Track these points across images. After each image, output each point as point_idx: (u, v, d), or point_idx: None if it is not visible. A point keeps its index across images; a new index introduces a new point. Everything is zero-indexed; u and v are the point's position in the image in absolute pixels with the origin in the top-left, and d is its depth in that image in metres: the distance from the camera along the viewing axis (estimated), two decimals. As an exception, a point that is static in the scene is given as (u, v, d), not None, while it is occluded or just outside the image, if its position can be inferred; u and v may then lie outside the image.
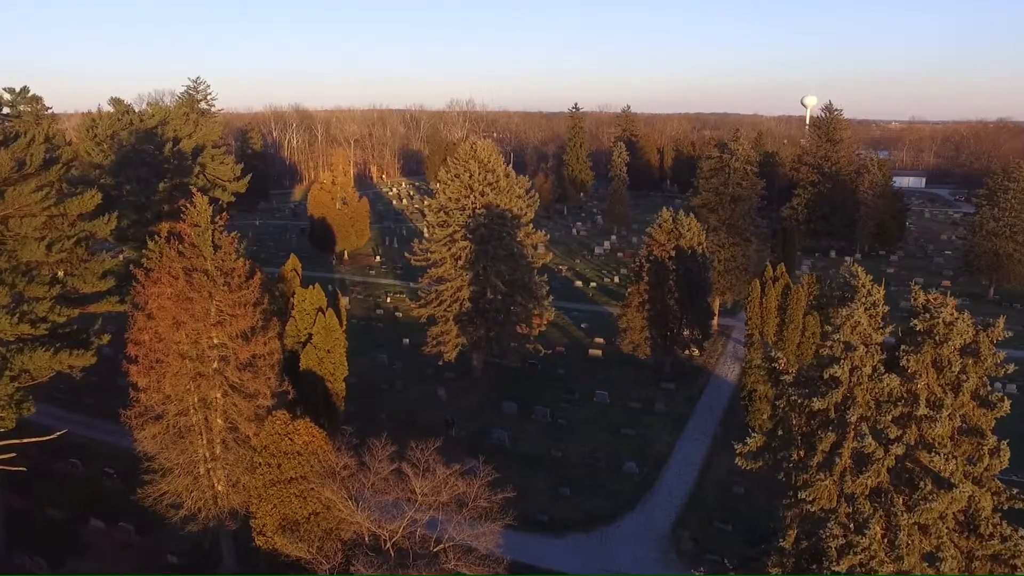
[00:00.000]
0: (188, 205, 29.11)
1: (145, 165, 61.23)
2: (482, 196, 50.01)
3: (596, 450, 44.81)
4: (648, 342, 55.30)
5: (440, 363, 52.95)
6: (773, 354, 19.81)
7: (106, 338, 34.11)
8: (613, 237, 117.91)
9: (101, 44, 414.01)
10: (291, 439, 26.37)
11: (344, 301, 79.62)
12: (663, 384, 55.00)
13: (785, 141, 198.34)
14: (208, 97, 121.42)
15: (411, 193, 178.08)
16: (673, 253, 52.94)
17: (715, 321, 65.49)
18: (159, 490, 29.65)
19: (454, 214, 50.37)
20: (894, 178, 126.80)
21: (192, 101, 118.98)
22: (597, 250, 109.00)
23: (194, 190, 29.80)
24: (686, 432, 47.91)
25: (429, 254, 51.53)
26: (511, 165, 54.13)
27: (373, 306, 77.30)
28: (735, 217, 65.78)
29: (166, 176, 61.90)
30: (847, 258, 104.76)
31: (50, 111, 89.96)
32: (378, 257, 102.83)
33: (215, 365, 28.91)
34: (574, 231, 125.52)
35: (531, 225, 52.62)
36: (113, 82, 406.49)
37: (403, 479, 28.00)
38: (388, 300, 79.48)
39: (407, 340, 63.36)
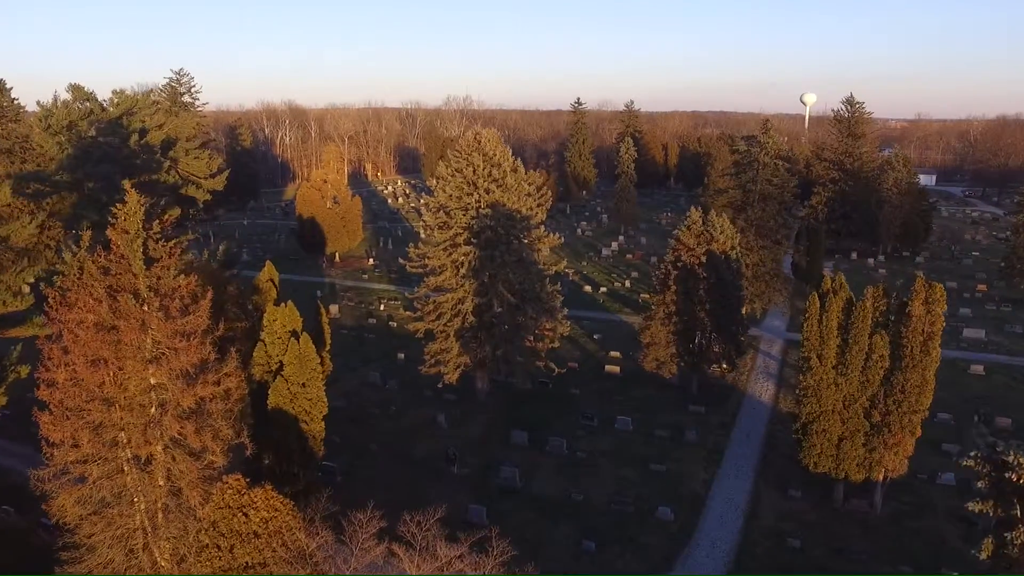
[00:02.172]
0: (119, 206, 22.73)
1: (108, 159, 54.71)
2: (487, 194, 43.55)
3: (623, 491, 38.39)
4: (675, 359, 48.95)
5: (440, 385, 46.47)
6: (1008, 455, 13.33)
7: (24, 371, 27.64)
8: (620, 238, 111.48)
9: (90, 39, 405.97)
10: (246, 515, 19.95)
11: (333, 309, 73.29)
12: (691, 407, 48.62)
13: (785, 138, 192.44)
14: (192, 90, 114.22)
15: (407, 191, 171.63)
16: (704, 259, 46.57)
17: (743, 333, 59.19)
18: (84, 568, 23.17)
19: (455, 214, 43.91)
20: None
21: (175, 94, 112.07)
22: (604, 252, 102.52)
23: (127, 185, 23.36)
24: (723, 467, 41.54)
25: (427, 260, 45.04)
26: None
27: (365, 314, 70.75)
28: (765, 217, 59.47)
29: (133, 172, 55.36)
30: (871, 260, 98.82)
31: (16, 101, 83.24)
32: (371, 260, 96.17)
33: (152, 412, 22.44)
34: (579, 231, 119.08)
35: (542, 227, 46.15)
36: (102, 78, 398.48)
37: (395, 559, 21.66)
38: (382, 308, 72.95)
39: (402, 355, 56.90)
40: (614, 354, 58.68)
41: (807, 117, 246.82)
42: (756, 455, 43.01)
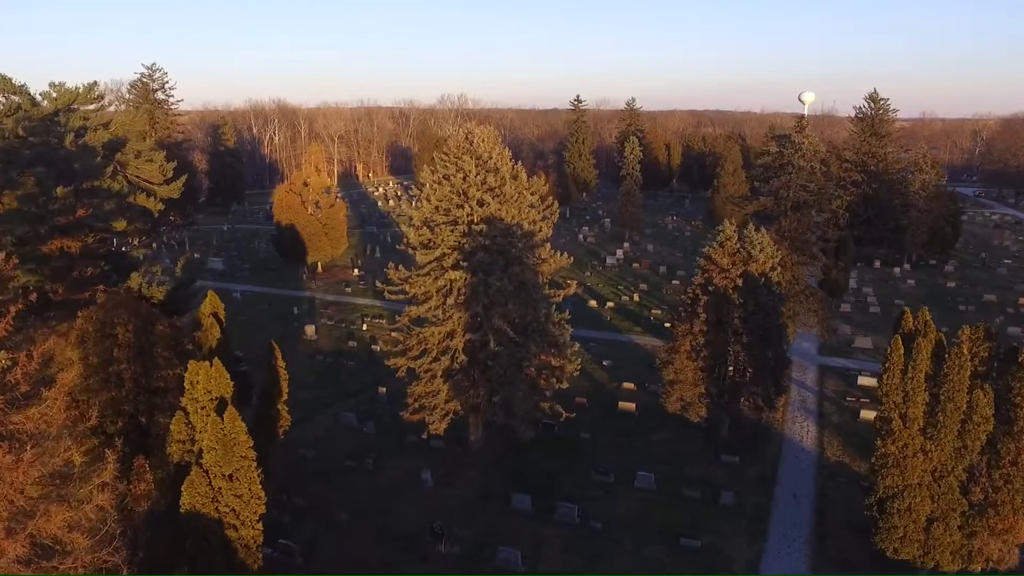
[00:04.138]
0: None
1: (41, 162, 46.94)
2: (480, 207, 35.95)
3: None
4: (703, 400, 41.46)
5: (425, 436, 38.85)
6: None
7: None
8: (625, 244, 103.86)
9: (70, 38, 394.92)
10: None
11: (310, 330, 65.34)
12: (723, 456, 41.15)
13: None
14: (166, 86, 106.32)
15: (398, 193, 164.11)
16: (740, 282, 39.05)
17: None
18: None
19: (442, 231, 36.30)
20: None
21: (146, 90, 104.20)
22: (609, 260, 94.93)
23: None
24: (770, 540, 34.00)
25: (408, 286, 37.39)
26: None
27: (345, 336, 63.00)
28: (800, 229, 51.97)
29: (70, 177, 47.64)
30: (896, 269, 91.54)
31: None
32: (357, 270, 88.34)
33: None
34: (580, 237, 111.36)
35: (548, 244, 38.52)
36: (80, 76, 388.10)
37: None
38: (364, 327, 65.24)
39: (384, 389, 49.21)
40: (628, 386, 51.20)
41: (805, 116, 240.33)
42: (808, 522, 35.52)
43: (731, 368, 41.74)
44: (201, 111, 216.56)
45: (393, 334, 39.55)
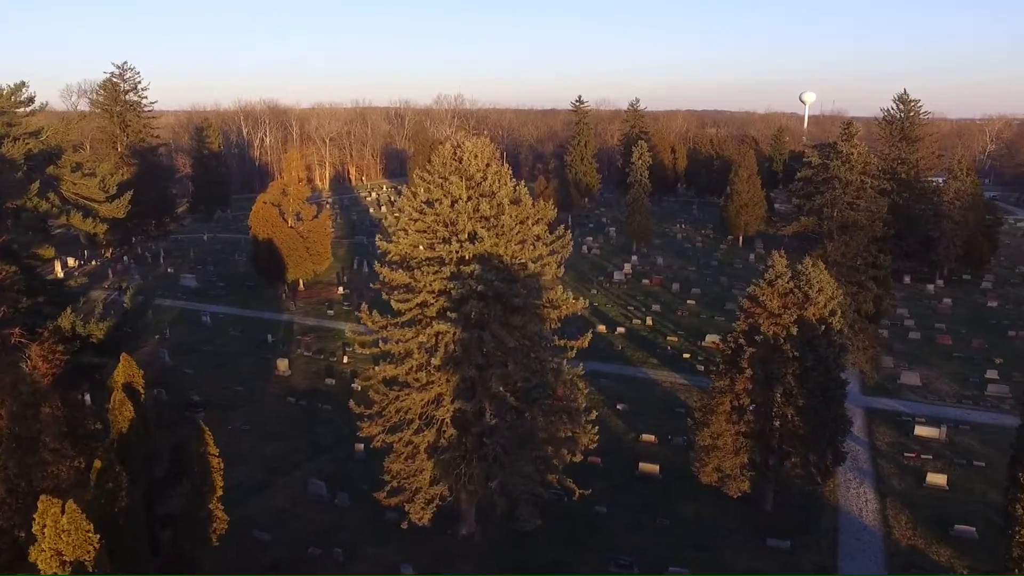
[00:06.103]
0: None
1: (-47, 180, 39.58)
2: (473, 242, 28.48)
3: None
4: (746, 472, 34.06)
5: (405, 524, 31.35)
6: None
7: None
8: (634, 257, 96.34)
9: (51, 32, 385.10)
10: None
11: (283, 365, 57.44)
12: (769, 540, 33.73)
13: (787, 139, 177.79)
14: (139, 86, 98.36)
15: (392, 198, 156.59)
16: (794, 330, 31.64)
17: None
18: None
19: (425, 273, 28.80)
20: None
21: (115, 91, 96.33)
22: (616, 275, 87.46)
23: None
24: (845, 670, 26.68)
25: (382, 340, 29.88)
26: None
27: (323, 371, 55.37)
28: (849, 254, 44.56)
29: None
30: (929, 285, 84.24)
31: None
32: (342, 288, 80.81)
33: None
34: (584, 248, 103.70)
35: (560, 287, 30.98)
36: (67, 78, 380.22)
37: None
38: (345, 360, 57.69)
39: (361, 446, 41.56)
40: (648, 438, 43.84)
41: (806, 116, 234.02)
42: (887, 640, 28.18)
43: (778, 429, 34.37)
44: (188, 112, 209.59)
45: (377, 370, 31.55)
